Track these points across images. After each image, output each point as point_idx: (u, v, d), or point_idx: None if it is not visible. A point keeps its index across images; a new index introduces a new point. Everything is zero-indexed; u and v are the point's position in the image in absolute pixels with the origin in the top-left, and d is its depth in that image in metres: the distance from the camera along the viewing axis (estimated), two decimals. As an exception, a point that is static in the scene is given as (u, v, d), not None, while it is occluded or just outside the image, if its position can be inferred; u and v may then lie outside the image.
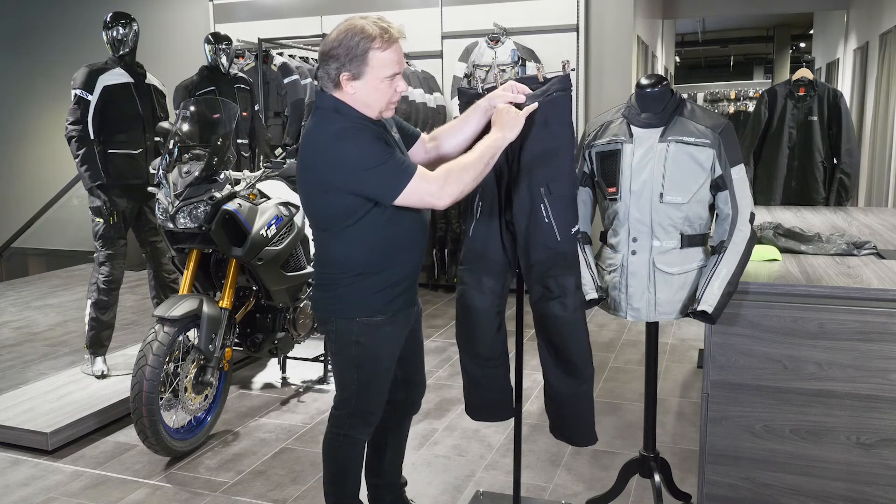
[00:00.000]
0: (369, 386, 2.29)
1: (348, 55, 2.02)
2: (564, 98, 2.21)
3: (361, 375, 2.27)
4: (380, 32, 2.02)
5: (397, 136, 2.24)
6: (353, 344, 2.22)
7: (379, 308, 2.20)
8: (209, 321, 3.26)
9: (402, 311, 2.26)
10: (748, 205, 2.24)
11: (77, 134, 3.94)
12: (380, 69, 2.04)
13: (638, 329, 5.05)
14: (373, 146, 2.03)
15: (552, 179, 2.22)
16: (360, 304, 2.19)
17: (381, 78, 2.05)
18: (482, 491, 2.94)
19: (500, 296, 2.37)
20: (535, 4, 6.16)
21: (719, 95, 16.52)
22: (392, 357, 2.30)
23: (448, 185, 2.04)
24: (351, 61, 2.02)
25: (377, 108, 2.10)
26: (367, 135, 2.04)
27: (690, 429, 3.47)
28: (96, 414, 3.61)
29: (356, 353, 2.24)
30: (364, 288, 2.17)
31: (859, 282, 2.20)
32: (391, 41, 2.04)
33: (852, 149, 4.43)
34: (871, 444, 2.16)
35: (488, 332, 2.38)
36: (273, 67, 6.02)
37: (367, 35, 2.01)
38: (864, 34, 8.08)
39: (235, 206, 3.33)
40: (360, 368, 2.26)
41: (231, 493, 3.00)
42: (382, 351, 2.26)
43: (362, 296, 2.18)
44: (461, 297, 2.38)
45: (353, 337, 2.21)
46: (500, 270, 2.34)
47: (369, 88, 2.06)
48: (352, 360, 2.25)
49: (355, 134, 2.03)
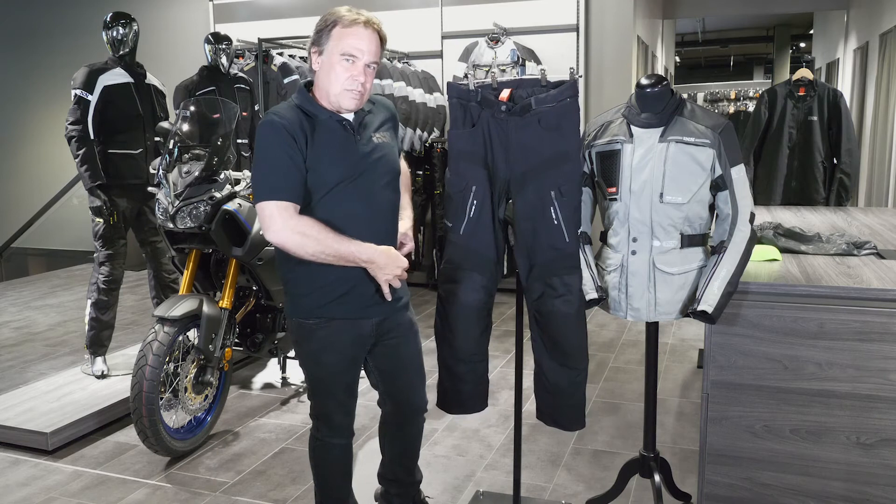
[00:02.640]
0: (319, 388, 2.29)
1: (319, 32, 2.10)
2: (574, 103, 2.26)
3: (309, 376, 2.30)
4: (348, 13, 2.09)
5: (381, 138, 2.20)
6: (297, 344, 2.27)
7: (311, 311, 2.17)
8: (209, 321, 3.26)
9: (342, 319, 2.18)
10: (748, 205, 2.24)
11: (77, 134, 3.94)
12: (337, 43, 2.07)
13: (638, 329, 5.05)
14: (276, 146, 2.04)
15: (564, 182, 2.26)
16: (294, 303, 2.20)
17: (336, 54, 2.06)
18: (482, 491, 2.94)
19: (490, 294, 2.40)
20: (535, 4, 6.16)
21: (719, 95, 16.53)
22: (336, 364, 2.23)
23: (294, 235, 2.01)
24: (320, 37, 2.10)
25: (332, 90, 2.09)
26: (282, 132, 2.04)
27: (690, 429, 3.47)
28: (96, 414, 3.61)
29: (300, 353, 2.29)
30: (297, 287, 2.18)
31: (859, 282, 2.20)
32: (356, 23, 2.08)
33: (852, 149, 4.43)
34: (871, 444, 2.16)
35: (476, 330, 2.40)
36: (273, 67, 6.01)
37: (336, 14, 2.09)
38: (864, 34, 8.08)
39: (235, 205, 3.33)
40: (306, 369, 2.29)
41: (231, 493, 3.00)
42: (321, 356, 2.22)
43: (296, 296, 2.19)
44: (449, 295, 2.38)
45: (296, 336, 2.25)
46: (492, 268, 2.37)
47: (327, 65, 2.08)
48: (300, 360, 2.31)
49: (268, 126, 2.06)
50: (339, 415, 2.33)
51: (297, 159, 2.05)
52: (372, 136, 2.19)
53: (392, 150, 2.25)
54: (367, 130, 2.19)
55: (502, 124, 2.27)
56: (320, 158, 2.08)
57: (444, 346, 2.46)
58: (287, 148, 2.04)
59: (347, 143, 2.13)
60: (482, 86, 2.30)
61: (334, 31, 2.07)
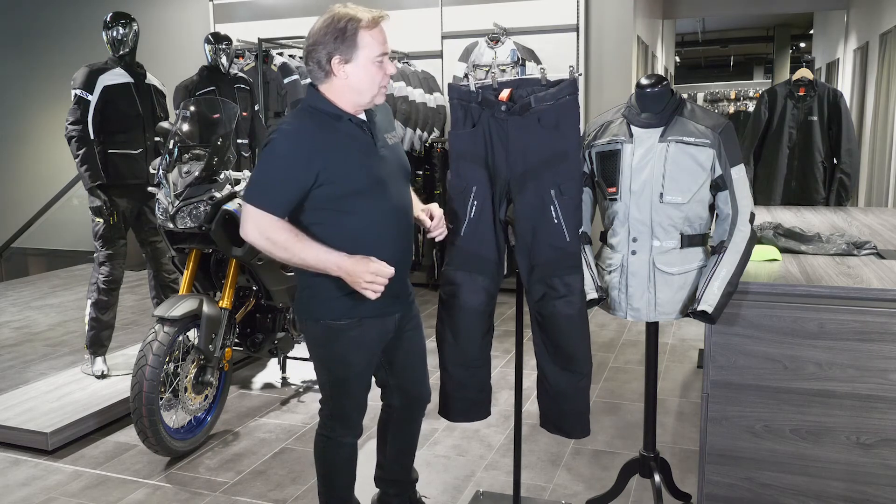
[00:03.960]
0: (341, 389, 2.28)
1: (338, 39, 2.03)
2: (573, 102, 2.25)
3: (332, 378, 2.27)
4: (363, 14, 2.06)
5: (392, 139, 2.24)
6: (321, 347, 2.23)
7: (343, 311, 2.17)
8: (209, 321, 3.26)
9: (373, 318, 2.21)
10: (748, 205, 2.24)
11: (77, 134, 3.94)
12: (370, 48, 2.05)
13: (638, 329, 5.05)
14: (282, 157, 2.04)
15: (563, 181, 2.25)
16: (323, 306, 2.18)
17: (371, 59, 2.06)
18: (482, 491, 2.94)
19: (492, 296, 2.38)
20: (535, 4, 6.16)
21: (719, 95, 16.54)
22: (363, 363, 2.26)
23: (263, 241, 2.04)
24: (342, 45, 2.03)
25: (369, 92, 2.10)
26: (290, 143, 2.05)
27: (690, 429, 3.47)
28: (96, 414, 3.61)
29: (324, 356, 2.25)
30: (326, 290, 2.16)
31: (859, 282, 2.20)
32: (376, 22, 2.07)
33: (852, 149, 4.43)
34: (871, 444, 2.16)
35: (478, 333, 2.38)
36: (273, 67, 6.02)
37: (353, 17, 2.04)
38: (864, 34, 8.08)
39: (235, 205, 3.33)
40: (329, 371, 2.26)
41: (231, 493, 3.00)
42: (350, 356, 2.23)
43: (325, 298, 2.17)
44: (451, 298, 2.37)
45: (320, 339, 2.21)
46: (493, 270, 2.35)
47: (361, 71, 2.06)
48: (322, 363, 2.26)
49: (285, 136, 2.06)
50: (355, 413, 2.33)
51: (298, 178, 2.05)
52: (385, 138, 2.22)
53: (401, 148, 2.30)
54: (380, 132, 2.21)
55: (502, 124, 2.27)
56: (346, 165, 2.09)
57: (445, 350, 2.44)
58: (292, 163, 2.04)
59: (368, 148, 2.15)
60: (483, 86, 2.30)
61: (359, 36, 2.04)
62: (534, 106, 2.23)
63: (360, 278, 2.06)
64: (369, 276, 2.05)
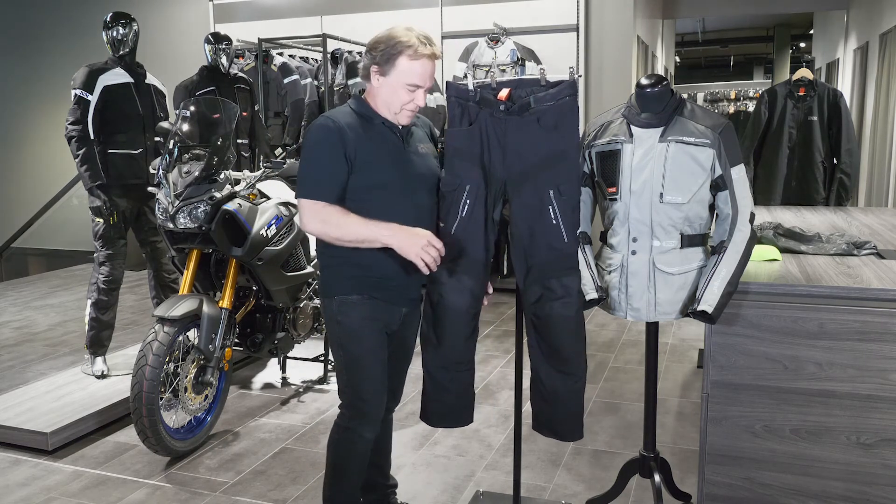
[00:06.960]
0: (355, 367, 2.30)
1: (383, 53, 2.18)
2: (573, 102, 2.24)
3: (346, 356, 2.31)
4: (416, 44, 2.17)
5: (424, 149, 2.34)
6: (335, 323, 2.30)
7: (354, 286, 2.26)
8: (209, 321, 3.26)
9: (382, 301, 2.29)
10: (748, 205, 2.24)
11: (77, 134, 3.94)
12: (404, 75, 2.18)
13: (638, 329, 5.05)
14: (322, 148, 2.18)
15: (563, 182, 2.25)
16: (339, 283, 2.28)
17: (402, 83, 2.19)
18: (482, 491, 2.94)
19: (478, 297, 2.35)
20: (535, 4, 6.16)
21: (719, 95, 16.55)
22: (375, 340, 2.31)
23: (318, 224, 2.17)
24: (383, 59, 2.19)
25: (392, 108, 2.24)
26: (332, 135, 2.17)
27: (690, 429, 3.47)
28: (96, 414, 3.61)
29: (338, 333, 2.31)
30: (341, 268, 2.27)
31: (859, 282, 2.20)
32: (422, 55, 2.17)
33: (852, 149, 4.43)
34: (871, 444, 2.16)
35: (462, 335, 2.36)
36: (273, 67, 6.03)
37: (403, 42, 2.17)
38: (864, 34, 8.09)
39: (235, 206, 3.33)
40: (343, 348, 2.31)
41: (231, 493, 3.01)
42: (363, 331, 2.29)
43: (340, 275, 2.28)
44: (436, 297, 2.34)
45: (334, 315, 2.30)
46: (480, 271, 2.32)
47: (389, 88, 2.21)
48: (336, 340, 2.33)
49: (319, 128, 2.20)
50: (374, 399, 2.33)
51: (340, 162, 2.18)
52: (417, 146, 2.33)
53: (433, 158, 2.37)
54: (414, 140, 2.32)
55: (500, 124, 2.25)
56: (372, 158, 2.21)
57: (428, 351, 2.41)
58: (331, 150, 2.17)
59: (397, 147, 2.27)
60: (481, 85, 2.29)
61: (400, 60, 2.17)
62: (533, 106, 2.22)
63: (415, 245, 2.12)
64: (424, 241, 2.12)
